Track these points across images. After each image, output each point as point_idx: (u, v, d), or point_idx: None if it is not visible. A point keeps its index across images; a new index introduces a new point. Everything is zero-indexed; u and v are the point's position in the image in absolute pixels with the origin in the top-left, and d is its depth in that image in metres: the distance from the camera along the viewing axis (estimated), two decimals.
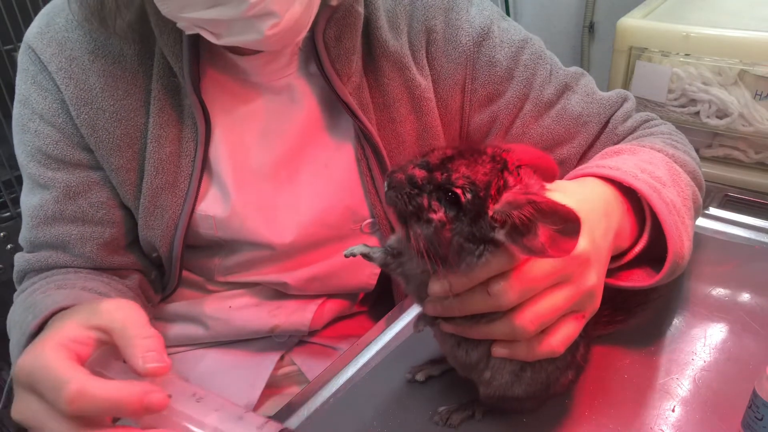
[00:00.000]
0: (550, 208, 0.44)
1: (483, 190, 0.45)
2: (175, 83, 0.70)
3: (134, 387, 0.42)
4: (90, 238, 0.74)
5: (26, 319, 0.61)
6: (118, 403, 0.42)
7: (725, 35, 1.06)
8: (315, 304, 0.84)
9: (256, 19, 0.58)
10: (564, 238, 0.44)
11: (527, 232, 0.44)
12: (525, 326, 0.49)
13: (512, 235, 0.45)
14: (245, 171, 0.74)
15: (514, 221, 0.44)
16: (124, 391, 0.42)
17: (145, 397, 0.42)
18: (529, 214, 0.44)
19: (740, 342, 0.67)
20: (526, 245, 0.44)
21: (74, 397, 0.41)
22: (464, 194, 0.45)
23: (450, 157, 0.47)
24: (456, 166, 0.46)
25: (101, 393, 0.42)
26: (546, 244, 0.44)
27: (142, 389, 0.42)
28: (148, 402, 0.42)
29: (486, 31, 0.75)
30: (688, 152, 0.74)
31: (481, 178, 0.46)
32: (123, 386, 0.42)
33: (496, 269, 0.48)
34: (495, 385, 0.56)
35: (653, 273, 0.62)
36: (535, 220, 0.44)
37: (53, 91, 0.70)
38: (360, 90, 0.73)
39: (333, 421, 0.63)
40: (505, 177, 0.46)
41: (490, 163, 0.47)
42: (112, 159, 0.72)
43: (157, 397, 0.42)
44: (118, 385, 0.43)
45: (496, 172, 0.46)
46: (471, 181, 0.45)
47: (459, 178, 0.46)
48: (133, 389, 0.42)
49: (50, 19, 0.71)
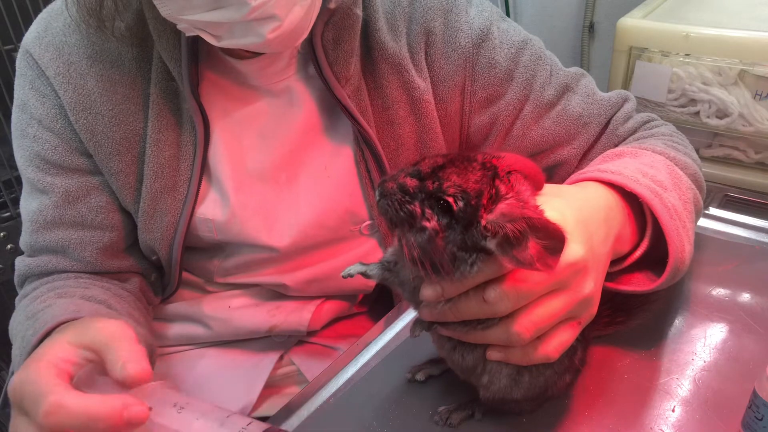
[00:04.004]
0: (542, 225, 0.44)
1: (475, 198, 0.45)
2: (173, 87, 0.70)
3: (113, 400, 0.41)
4: (89, 242, 0.74)
5: (27, 332, 0.62)
6: (96, 417, 0.41)
7: (725, 35, 1.06)
8: (313, 304, 0.85)
9: (257, 23, 0.58)
10: (549, 255, 0.44)
11: (518, 244, 0.44)
12: (521, 333, 0.49)
13: (503, 246, 0.45)
14: (244, 174, 0.74)
15: (507, 233, 0.44)
16: (103, 404, 0.41)
17: (124, 410, 0.41)
18: (522, 229, 0.44)
19: (740, 342, 0.67)
20: (515, 257, 0.44)
21: (51, 410, 0.41)
22: (456, 202, 0.45)
23: (441, 166, 0.47)
24: (447, 175, 0.46)
25: (78, 407, 0.41)
26: (535, 257, 0.44)
27: (121, 402, 0.41)
28: (128, 415, 0.41)
29: (485, 32, 0.75)
30: (689, 154, 0.74)
31: (473, 186, 0.46)
32: (102, 399, 0.42)
33: (488, 276, 0.48)
34: (493, 389, 0.56)
35: (654, 277, 0.62)
36: (526, 234, 0.44)
37: (51, 96, 0.70)
38: (359, 93, 0.72)
39: (333, 421, 0.63)
40: (497, 185, 0.46)
41: (480, 170, 0.47)
42: (111, 163, 0.72)
43: (137, 410, 0.41)
44: (97, 398, 0.42)
45: (488, 179, 0.46)
46: (462, 189, 0.46)
47: (450, 186, 0.46)
48: (113, 403, 0.41)
49: (48, 24, 0.71)
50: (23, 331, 0.63)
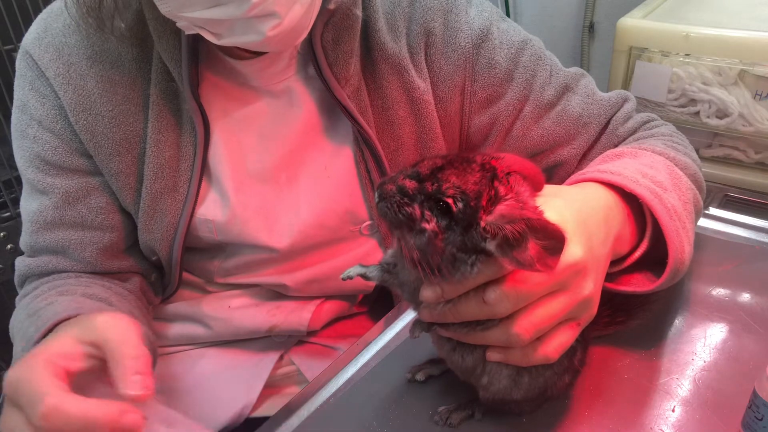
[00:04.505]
0: (541, 226, 0.44)
1: (474, 199, 0.45)
2: (173, 88, 0.70)
3: (110, 407, 0.42)
4: (89, 243, 0.74)
5: (29, 329, 0.62)
6: (93, 422, 0.41)
7: (725, 35, 1.06)
8: (313, 304, 0.85)
9: (258, 20, 0.58)
10: (549, 256, 0.44)
11: (518, 246, 0.44)
12: (520, 334, 0.49)
13: (503, 247, 0.45)
14: (244, 174, 0.74)
15: (506, 235, 0.44)
16: (100, 410, 0.42)
17: (120, 417, 0.41)
18: (521, 230, 0.44)
19: (740, 342, 0.67)
20: (515, 258, 0.44)
21: (49, 412, 0.41)
22: (455, 203, 0.45)
23: (440, 167, 0.47)
24: (446, 176, 0.46)
25: (76, 410, 0.41)
26: (534, 258, 0.44)
27: (118, 409, 0.42)
28: (124, 422, 0.41)
29: (485, 32, 0.75)
30: (689, 154, 0.74)
31: (472, 187, 0.46)
32: (99, 405, 0.42)
33: (488, 277, 0.48)
34: (493, 390, 0.56)
35: (653, 278, 0.62)
36: (526, 235, 0.44)
37: (51, 97, 0.70)
38: (358, 93, 0.72)
39: (333, 421, 0.63)
40: (496, 186, 0.46)
41: (479, 171, 0.47)
42: (112, 164, 0.72)
43: (133, 418, 0.42)
44: (94, 403, 0.42)
45: (487, 180, 0.46)
46: (462, 191, 0.45)
47: (450, 187, 0.46)
48: (109, 409, 0.42)
49: (47, 24, 0.71)
50: (25, 329, 0.63)
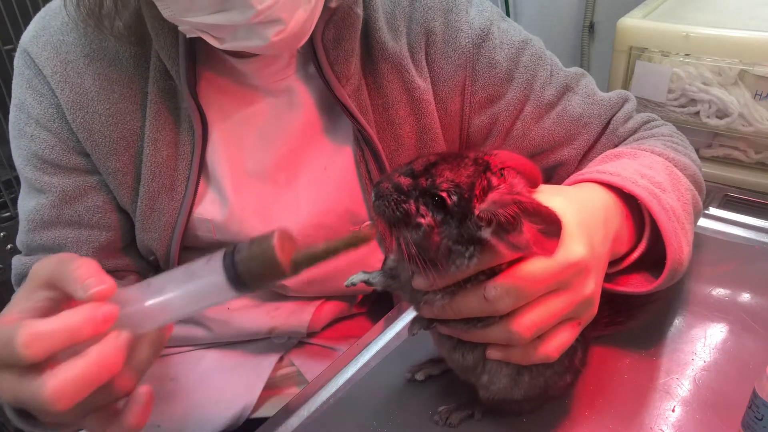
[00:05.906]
0: (534, 208, 0.44)
1: (467, 191, 0.46)
2: (171, 86, 0.70)
3: (82, 308, 0.40)
4: (86, 241, 0.74)
5: None
6: (73, 329, 0.39)
7: (725, 35, 1.06)
8: (313, 305, 0.84)
9: (262, 26, 0.58)
10: (547, 239, 0.45)
11: (512, 229, 0.45)
12: (521, 332, 0.49)
13: (498, 232, 0.45)
14: (243, 174, 0.74)
15: (500, 219, 0.45)
16: (75, 315, 0.40)
17: (96, 312, 0.40)
18: (514, 213, 0.44)
19: (740, 342, 0.67)
20: (511, 242, 0.45)
21: (29, 339, 0.39)
22: (450, 197, 0.46)
23: (434, 163, 0.48)
24: (440, 171, 0.47)
25: (54, 325, 0.39)
26: (531, 241, 0.44)
27: (89, 306, 0.40)
28: (101, 315, 0.40)
29: (485, 32, 0.75)
30: (689, 154, 0.74)
31: (465, 181, 0.46)
32: (71, 312, 0.40)
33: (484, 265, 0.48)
34: (493, 389, 0.56)
35: (651, 278, 0.62)
36: (519, 218, 0.44)
37: (49, 96, 0.70)
38: (359, 92, 0.72)
39: (332, 421, 0.63)
40: (488, 177, 0.47)
41: (472, 166, 0.47)
42: (109, 162, 0.72)
43: (107, 308, 0.40)
44: (66, 313, 0.40)
45: (479, 173, 0.47)
46: (455, 184, 0.46)
47: (443, 182, 0.46)
48: (80, 312, 0.40)
49: (45, 23, 0.71)
50: None
